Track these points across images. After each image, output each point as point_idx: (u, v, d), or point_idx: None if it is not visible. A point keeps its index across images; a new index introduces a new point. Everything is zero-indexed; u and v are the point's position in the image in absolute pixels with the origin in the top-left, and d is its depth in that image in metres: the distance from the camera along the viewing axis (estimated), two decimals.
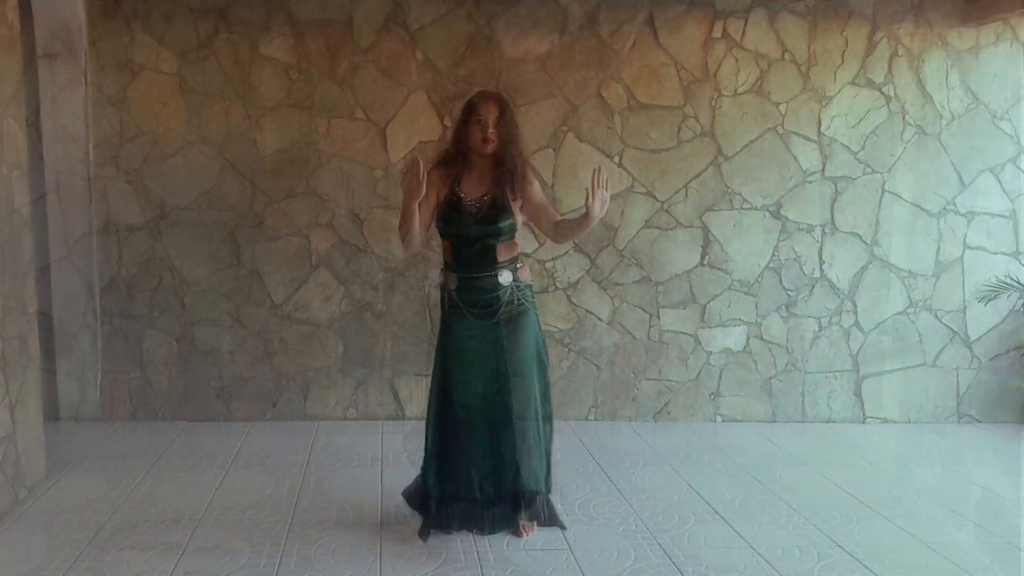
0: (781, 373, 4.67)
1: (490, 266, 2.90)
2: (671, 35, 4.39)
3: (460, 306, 2.93)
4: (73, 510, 3.22)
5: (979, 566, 2.95)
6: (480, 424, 2.94)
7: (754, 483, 3.71)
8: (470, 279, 2.92)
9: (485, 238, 2.88)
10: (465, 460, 2.95)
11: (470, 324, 2.93)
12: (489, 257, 2.90)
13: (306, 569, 2.79)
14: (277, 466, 3.78)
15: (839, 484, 3.72)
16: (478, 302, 2.91)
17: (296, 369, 4.45)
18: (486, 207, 2.89)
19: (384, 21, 4.27)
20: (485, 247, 2.89)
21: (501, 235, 2.89)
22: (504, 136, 2.85)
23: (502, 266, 2.91)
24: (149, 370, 4.39)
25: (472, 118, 2.87)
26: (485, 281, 2.90)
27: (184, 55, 4.22)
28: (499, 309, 2.90)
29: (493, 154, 2.88)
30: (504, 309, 2.90)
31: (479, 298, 2.91)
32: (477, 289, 2.91)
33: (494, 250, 2.90)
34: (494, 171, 2.90)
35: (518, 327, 2.91)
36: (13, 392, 3.25)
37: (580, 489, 3.57)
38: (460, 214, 2.88)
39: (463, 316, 2.93)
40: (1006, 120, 4.58)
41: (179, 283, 4.35)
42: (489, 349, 2.92)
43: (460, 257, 2.94)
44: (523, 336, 2.92)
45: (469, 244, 2.90)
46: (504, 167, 2.88)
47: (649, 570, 2.85)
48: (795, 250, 4.60)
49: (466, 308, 2.92)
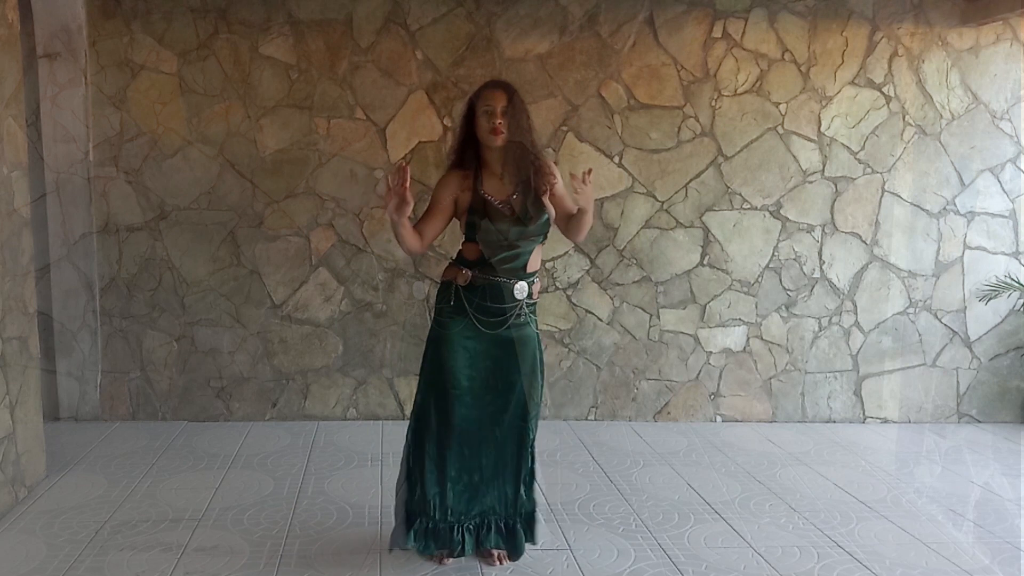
0: (781, 373, 4.67)
1: (516, 274, 2.69)
2: (671, 35, 4.39)
3: (465, 307, 2.69)
4: (73, 510, 3.22)
5: (979, 566, 2.95)
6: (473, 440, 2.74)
7: (754, 483, 3.71)
8: (488, 280, 2.68)
9: (522, 240, 2.65)
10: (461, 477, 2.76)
11: (470, 328, 2.70)
12: (519, 264, 2.69)
13: (306, 569, 2.79)
14: (277, 466, 3.78)
15: (839, 484, 3.72)
16: (487, 308, 2.69)
17: (296, 369, 4.45)
18: (519, 207, 2.66)
19: (384, 21, 4.27)
20: (519, 253, 2.67)
21: (539, 233, 2.69)
22: (514, 126, 2.61)
23: (524, 277, 2.70)
24: (149, 370, 4.39)
25: (479, 109, 2.64)
26: (502, 286, 2.68)
27: (184, 55, 4.22)
28: (507, 321, 2.70)
29: (504, 147, 2.64)
30: (512, 322, 2.71)
31: (489, 305, 2.68)
32: (491, 294, 2.68)
33: (527, 257, 2.70)
34: (513, 166, 2.66)
35: (520, 343, 2.73)
36: (13, 392, 3.25)
37: (580, 489, 3.57)
38: (493, 220, 2.63)
39: (465, 318, 2.70)
40: (1006, 120, 4.58)
41: (179, 283, 4.35)
42: (486, 363, 2.72)
43: (488, 258, 2.67)
44: (525, 353, 2.73)
45: (505, 249, 2.66)
46: (524, 160, 2.65)
47: (649, 570, 2.86)
48: (795, 250, 4.60)
49: (472, 311, 2.69)
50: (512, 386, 2.73)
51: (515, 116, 2.62)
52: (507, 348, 2.72)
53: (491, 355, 2.72)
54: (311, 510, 3.29)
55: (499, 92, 2.64)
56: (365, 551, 2.93)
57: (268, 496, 3.42)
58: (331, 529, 3.12)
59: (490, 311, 2.69)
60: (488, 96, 2.64)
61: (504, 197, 2.68)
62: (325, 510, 3.29)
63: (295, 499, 3.40)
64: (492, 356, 2.72)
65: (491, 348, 2.72)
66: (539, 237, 2.71)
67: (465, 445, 2.74)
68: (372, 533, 3.07)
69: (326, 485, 3.56)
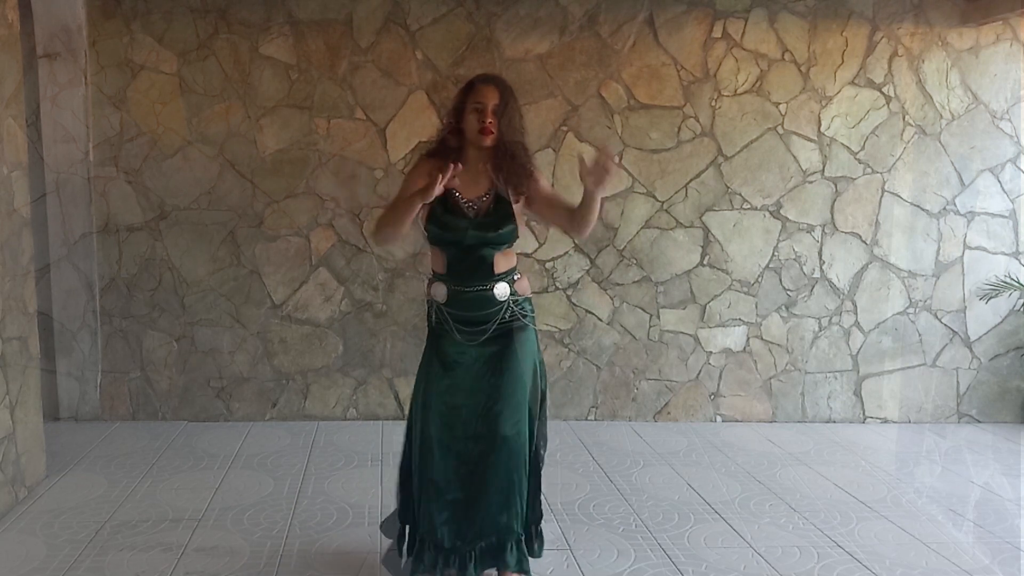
0: (781, 373, 4.67)
1: (485, 278, 2.51)
2: (671, 35, 4.39)
3: (449, 322, 2.54)
4: (73, 510, 3.22)
5: (979, 566, 2.95)
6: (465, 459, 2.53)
7: (754, 483, 3.71)
8: (462, 292, 2.52)
9: (483, 246, 2.49)
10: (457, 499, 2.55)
11: (459, 344, 2.54)
12: (484, 268, 2.51)
13: (306, 569, 2.79)
14: (277, 466, 3.78)
15: (839, 484, 3.72)
16: (470, 319, 2.52)
17: (296, 369, 4.45)
18: (485, 209, 2.50)
19: (384, 21, 4.27)
20: (481, 256, 2.50)
21: (502, 243, 2.51)
22: (505, 126, 2.45)
23: (498, 278, 2.52)
24: (149, 370, 4.39)
25: (468, 104, 2.46)
26: (479, 295, 2.51)
27: (184, 55, 4.22)
28: (491, 328, 2.52)
29: (493, 147, 2.48)
30: (497, 327, 2.52)
31: (472, 315, 2.52)
32: (469, 304, 2.52)
33: (491, 260, 2.51)
34: (493, 167, 2.51)
35: (514, 345, 2.53)
36: (13, 392, 3.25)
37: (580, 489, 3.57)
38: (455, 217, 2.49)
39: (451, 334, 2.54)
40: (1006, 120, 4.58)
41: (179, 283, 4.35)
42: (481, 373, 2.53)
43: (452, 267, 2.54)
44: (520, 355, 2.53)
45: (464, 252, 2.51)
46: (504, 161, 2.48)
47: (649, 570, 2.86)
48: (795, 250, 4.60)
49: (456, 325, 2.53)
50: (511, 393, 2.52)
51: (507, 115, 2.45)
52: (503, 351, 2.54)
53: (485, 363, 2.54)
54: (311, 510, 3.29)
55: (491, 88, 2.47)
56: (365, 551, 2.93)
57: (268, 496, 3.42)
58: (331, 529, 3.12)
59: (475, 320, 2.53)
60: (479, 91, 2.46)
61: (473, 196, 2.52)
62: (325, 510, 3.29)
63: (295, 499, 3.40)
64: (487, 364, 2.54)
65: (483, 357, 2.54)
66: (501, 245, 2.53)
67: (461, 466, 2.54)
68: (372, 533, 3.07)
69: (326, 485, 3.56)
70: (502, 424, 2.50)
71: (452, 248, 2.53)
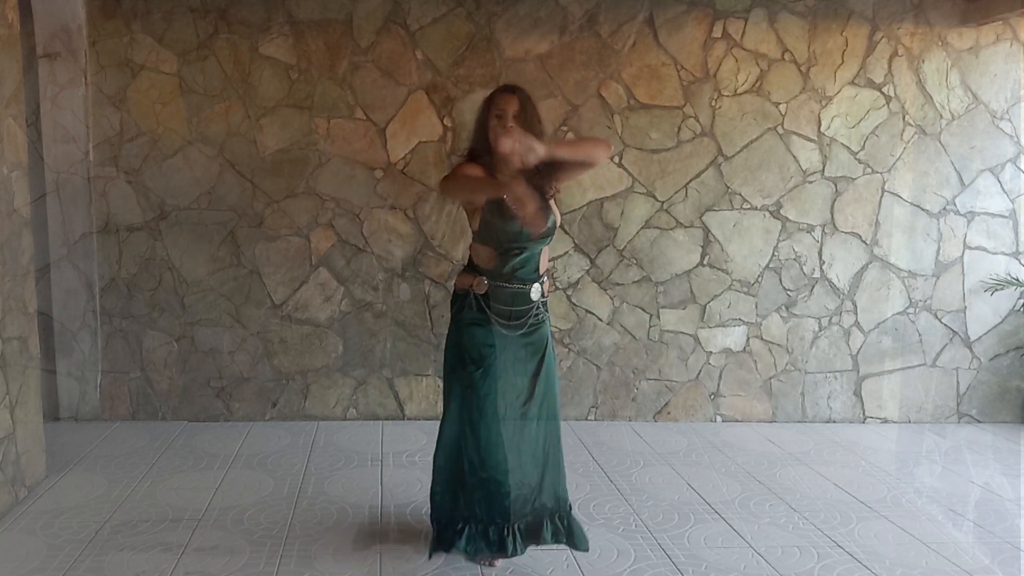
0: (781, 373, 4.67)
1: (530, 276, 2.75)
2: (671, 35, 4.39)
3: (486, 312, 2.75)
4: (73, 510, 3.22)
5: (979, 566, 2.96)
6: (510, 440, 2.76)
7: (754, 483, 3.71)
8: (504, 288, 2.74)
9: (534, 243, 2.71)
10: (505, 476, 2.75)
11: (492, 332, 2.76)
12: (531, 266, 2.74)
13: (306, 569, 2.79)
14: (277, 466, 3.78)
15: (839, 484, 3.72)
16: (507, 313, 2.74)
17: (296, 369, 4.45)
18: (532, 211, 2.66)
19: (384, 21, 4.27)
20: (532, 255, 2.74)
21: (550, 237, 2.75)
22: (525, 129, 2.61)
23: (538, 278, 2.77)
24: (149, 370, 4.39)
25: (491, 112, 2.71)
26: (518, 291, 2.74)
27: (184, 55, 4.22)
28: (527, 322, 2.76)
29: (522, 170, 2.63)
30: (530, 323, 2.77)
31: (510, 309, 2.74)
32: (510, 299, 2.74)
33: (538, 258, 2.75)
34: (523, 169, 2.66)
35: (539, 341, 2.80)
36: (13, 392, 3.25)
37: (580, 489, 3.57)
38: (507, 220, 2.65)
39: (486, 323, 2.75)
40: (1006, 120, 4.58)
41: (179, 283, 4.35)
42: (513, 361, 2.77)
43: (500, 264, 2.73)
44: (546, 351, 2.81)
45: (517, 252, 2.71)
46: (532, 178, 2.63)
47: (649, 570, 2.86)
48: (795, 250, 4.60)
49: (494, 316, 2.74)
50: (537, 384, 2.79)
51: (527, 122, 2.66)
52: (528, 348, 2.79)
53: (515, 356, 2.77)
54: (311, 510, 3.29)
55: (511, 97, 2.71)
56: (365, 551, 2.93)
57: (268, 496, 3.42)
58: (331, 529, 3.12)
59: (512, 315, 2.75)
60: (499, 100, 2.71)
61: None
62: (325, 510, 3.29)
63: (295, 499, 3.40)
64: (516, 357, 2.78)
65: (514, 350, 2.77)
66: (548, 239, 2.77)
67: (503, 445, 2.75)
68: (372, 533, 3.07)
69: (326, 485, 3.56)
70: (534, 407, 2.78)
71: (506, 249, 2.72)
